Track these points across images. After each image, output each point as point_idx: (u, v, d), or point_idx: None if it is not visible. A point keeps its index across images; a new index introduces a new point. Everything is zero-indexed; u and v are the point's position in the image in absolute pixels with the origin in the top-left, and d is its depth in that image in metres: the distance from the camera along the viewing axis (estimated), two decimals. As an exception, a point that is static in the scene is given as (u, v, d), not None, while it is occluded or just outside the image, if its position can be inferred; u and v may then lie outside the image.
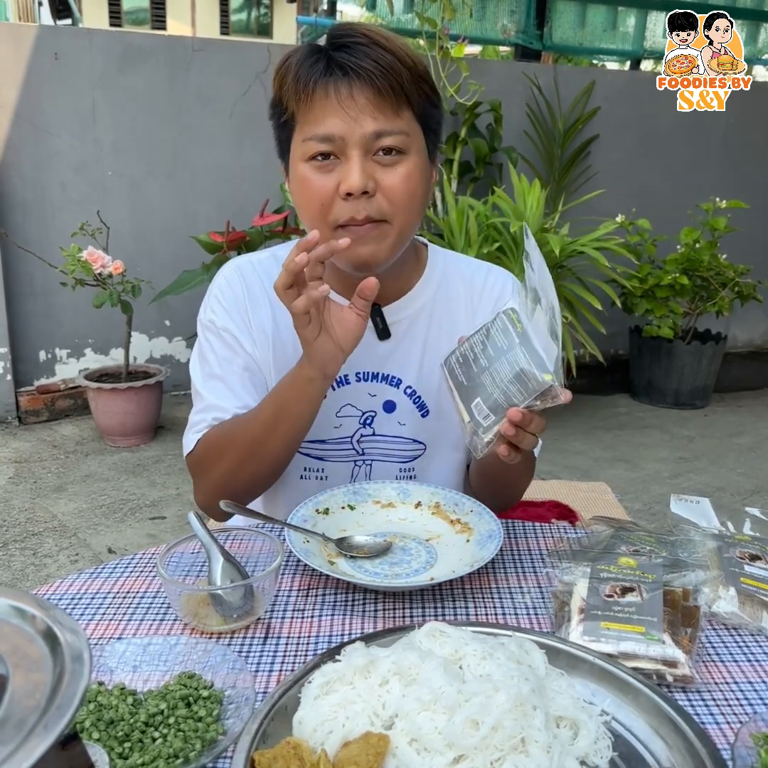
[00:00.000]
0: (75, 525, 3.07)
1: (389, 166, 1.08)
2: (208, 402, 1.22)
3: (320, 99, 1.06)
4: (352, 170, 1.05)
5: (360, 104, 1.05)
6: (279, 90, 1.12)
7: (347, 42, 1.06)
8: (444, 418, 1.29)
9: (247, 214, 4.04)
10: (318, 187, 1.08)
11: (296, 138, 1.11)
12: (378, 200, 1.08)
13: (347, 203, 1.07)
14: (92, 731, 0.73)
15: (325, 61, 1.06)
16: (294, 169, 1.13)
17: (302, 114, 1.09)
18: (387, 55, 1.05)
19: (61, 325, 4.27)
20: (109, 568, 1.08)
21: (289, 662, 0.88)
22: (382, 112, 1.06)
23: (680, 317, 4.64)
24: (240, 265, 1.28)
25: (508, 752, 0.65)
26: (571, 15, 5.37)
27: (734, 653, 0.91)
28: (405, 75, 1.06)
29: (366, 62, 1.04)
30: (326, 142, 1.06)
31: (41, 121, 3.97)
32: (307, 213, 1.12)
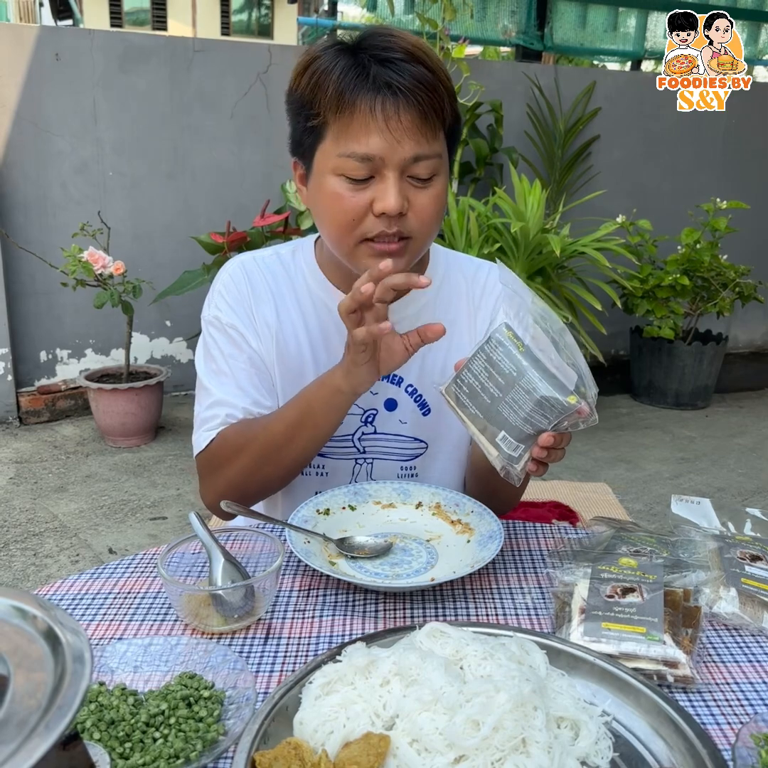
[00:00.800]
0: (76, 525, 3.08)
1: (422, 187, 1.08)
2: (217, 398, 1.22)
3: (364, 116, 1.02)
4: (390, 192, 1.04)
5: (405, 126, 1.03)
6: (311, 93, 1.06)
7: (391, 57, 1.03)
8: (445, 416, 1.29)
9: (248, 214, 4.05)
10: (351, 204, 1.07)
11: (328, 148, 1.07)
12: (409, 219, 1.08)
13: (379, 219, 1.07)
14: (93, 731, 0.73)
15: (371, 76, 1.02)
16: (321, 179, 1.09)
17: (340, 127, 1.04)
18: (430, 75, 1.04)
19: (62, 325, 4.27)
20: (109, 569, 1.08)
21: (290, 663, 0.88)
22: (424, 135, 1.05)
23: (681, 318, 4.64)
24: (244, 261, 1.28)
25: (509, 753, 0.65)
26: (572, 15, 5.37)
27: (735, 654, 0.91)
28: (445, 96, 1.06)
29: (412, 82, 1.02)
30: (365, 161, 1.04)
31: (42, 121, 3.98)
32: (333, 225, 1.10)
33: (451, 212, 3.95)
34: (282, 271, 1.27)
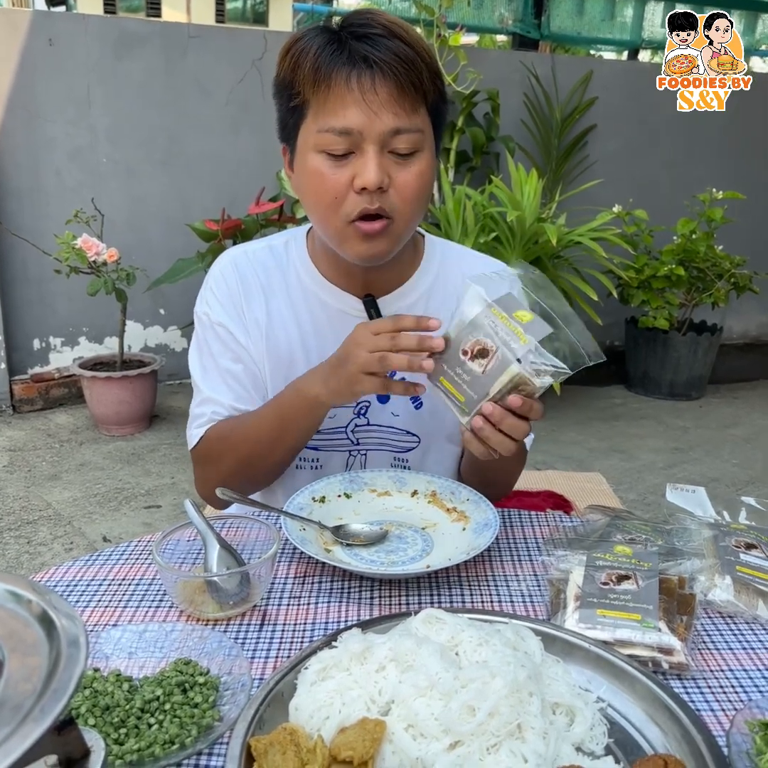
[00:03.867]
0: (70, 513, 3.07)
1: (404, 162, 1.07)
2: (206, 395, 1.25)
3: (340, 89, 1.02)
4: (369, 166, 1.04)
5: (382, 98, 1.02)
6: (291, 73, 1.06)
7: (368, 33, 1.03)
8: (438, 410, 1.29)
9: (243, 202, 4.02)
10: (332, 180, 1.06)
11: (308, 126, 1.07)
12: (390, 195, 1.07)
13: (360, 196, 1.06)
14: (88, 717, 0.73)
15: (347, 51, 1.02)
16: (303, 158, 1.09)
17: (318, 102, 1.04)
18: (408, 49, 1.03)
19: (56, 313, 4.25)
20: (104, 555, 1.08)
21: (286, 649, 0.88)
22: (402, 108, 1.04)
23: (676, 308, 4.64)
24: (235, 256, 1.27)
25: (505, 738, 0.65)
26: (569, 4, 5.35)
27: (729, 641, 0.91)
28: (424, 71, 1.05)
29: (388, 56, 1.02)
30: (344, 135, 1.03)
31: (35, 107, 3.94)
32: (318, 205, 1.10)
33: (447, 201, 3.94)
34: (274, 264, 1.27)
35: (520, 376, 0.94)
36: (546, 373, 0.95)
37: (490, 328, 0.96)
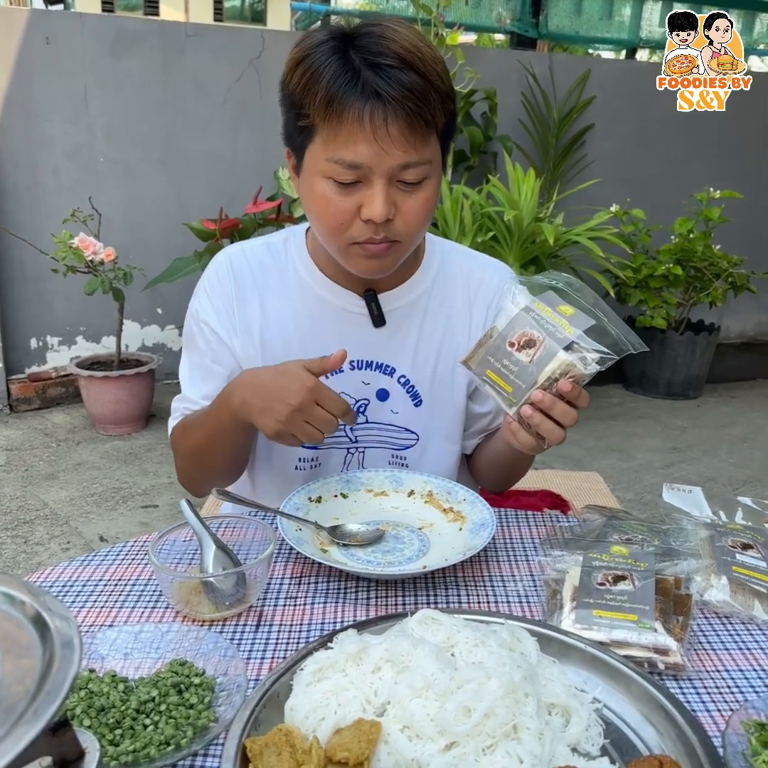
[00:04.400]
0: (66, 513, 3.07)
1: (409, 192, 1.07)
2: (183, 391, 1.30)
3: (351, 123, 1.01)
4: (376, 199, 1.04)
5: (392, 135, 1.01)
6: (301, 93, 1.04)
7: (382, 63, 1.01)
8: (437, 408, 1.29)
9: (241, 201, 4.02)
10: (338, 208, 1.06)
11: (317, 150, 1.06)
12: (395, 223, 1.08)
13: (366, 225, 1.07)
14: (83, 718, 0.73)
15: (360, 83, 1.00)
16: (310, 180, 1.09)
17: (329, 132, 1.03)
18: (421, 81, 1.02)
19: (53, 312, 4.24)
20: (100, 556, 1.08)
21: (281, 649, 0.88)
22: (412, 145, 1.03)
23: (673, 308, 4.64)
24: (231, 255, 1.27)
25: (500, 739, 0.65)
26: (567, 3, 5.35)
27: (725, 641, 0.91)
28: (437, 104, 1.04)
29: (401, 92, 1.00)
30: (353, 168, 1.03)
31: (33, 106, 3.94)
32: (323, 227, 1.11)
33: (445, 200, 3.94)
34: (271, 262, 1.27)
35: (568, 364, 0.96)
36: (593, 360, 0.97)
37: (535, 321, 0.99)
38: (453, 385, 1.30)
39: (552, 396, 0.98)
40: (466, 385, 1.30)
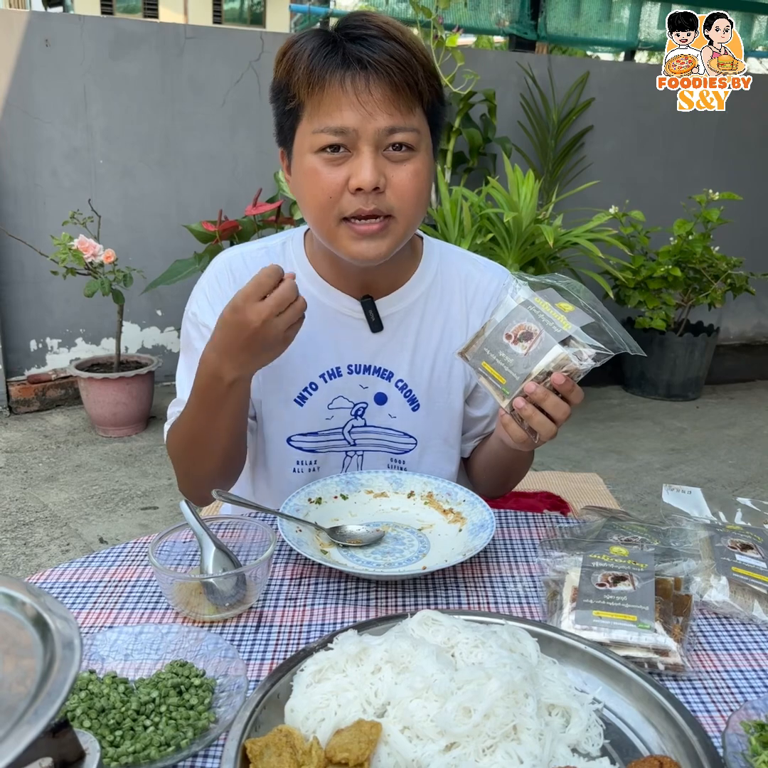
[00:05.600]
0: (66, 515, 3.07)
1: (399, 162, 1.07)
2: (179, 396, 1.28)
3: (335, 91, 1.03)
4: (364, 166, 1.04)
5: (376, 99, 1.03)
6: (286, 76, 1.07)
7: (363, 34, 1.04)
8: (434, 412, 1.29)
9: (240, 203, 4.02)
10: (327, 180, 1.06)
11: (304, 128, 1.07)
12: (386, 196, 1.07)
13: (355, 197, 1.06)
14: (83, 719, 0.73)
15: (341, 52, 1.03)
16: (300, 159, 1.09)
17: (313, 104, 1.05)
18: (403, 50, 1.04)
19: (52, 314, 4.24)
20: (100, 557, 1.08)
21: (281, 650, 0.88)
22: (397, 108, 1.04)
23: (673, 309, 4.64)
24: (231, 259, 1.27)
25: (500, 739, 0.65)
26: (566, 5, 5.35)
27: (725, 642, 0.91)
28: (420, 72, 1.05)
29: (383, 57, 1.02)
30: (339, 134, 1.04)
31: (32, 107, 3.94)
32: (312, 205, 1.10)
33: (444, 202, 3.94)
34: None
35: (563, 357, 0.96)
36: (588, 355, 0.97)
37: (533, 315, 0.99)
38: (450, 389, 1.29)
39: (544, 388, 0.98)
40: (463, 389, 1.30)
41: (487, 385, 1.03)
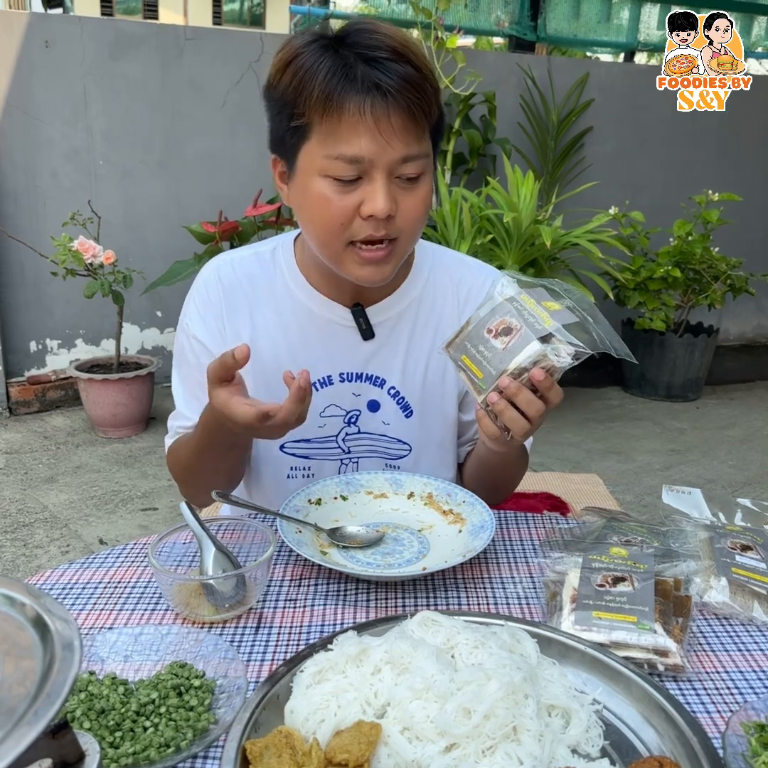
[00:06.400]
0: (66, 516, 3.06)
1: (409, 188, 1.07)
2: (177, 408, 1.30)
3: (352, 116, 1.00)
4: (379, 194, 1.03)
5: (395, 127, 1.01)
6: (294, 92, 1.03)
7: (378, 57, 1.00)
8: (428, 418, 1.28)
9: (240, 204, 4.02)
10: (339, 206, 1.04)
11: (313, 149, 1.04)
12: (395, 221, 1.07)
13: (367, 222, 1.05)
14: (83, 720, 0.73)
15: (359, 77, 0.99)
16: (306, 179, 1.07)
17: (328, 129, 1.02)
18: (417, 74, 1.02)
19: (52, 315, 4.24)
20: (100, 558, 1.08)
21: (281, 651, 0.88)
22: (413, 137, 1.03)
23: (672, 310, 4.64)
24: (219, 266, 1.25)
25: (500, 740, 0.65)
26: (566, 6, 5.36)
27: (725, 643, 0.91)
28: (432, 96, 1.04)
29: (400, 83, 1.00)
30: (354, 163, 1.02)
31: (32, 108, 3.94)
32: (320, 227, 1.08)
33: (444, 203, 3.94)
34: (260, 273, 1.25)
35: (540, 353, 0.95)
36: (567, 353, 0.95)
37: (517, 310, 0.98)
38: (443, 394, 1.28)
39: (518, 383, 0.96)
40: (456, 394, 1.29)
41: (466, 380, 1.01)
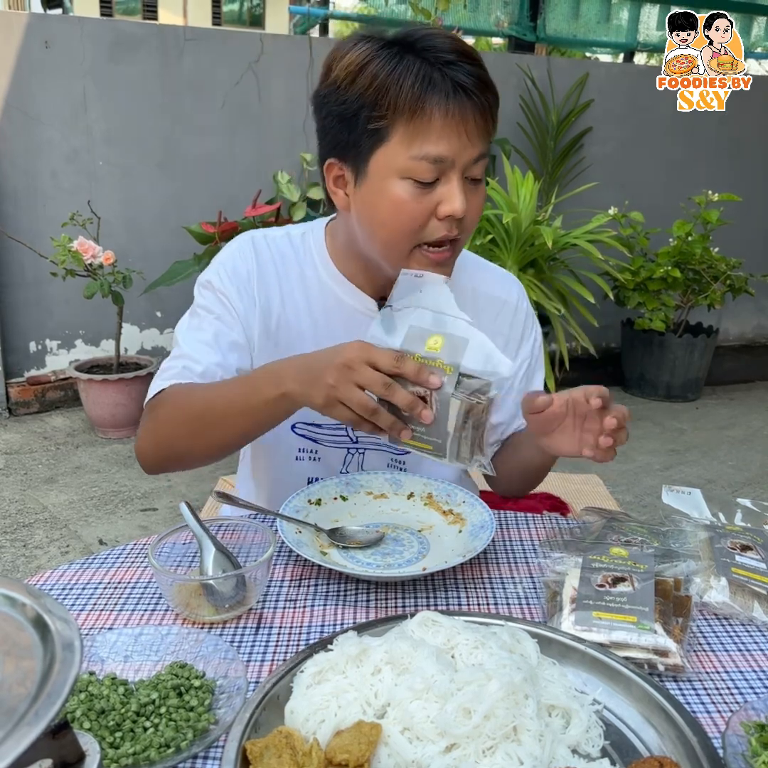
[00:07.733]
0: (66, 517, 3.06)
1: (473, 189, 1.09)
2: (183, 351, 1.19)
3: (441, 118, 1.02)
4: (456, 194, 1.05)
5: (479, 126, 1.05)
6: (375, 94, 1.02)
7: (455, 60, 1.03)
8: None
9: (239, 204, 4.02)
10: (417, 208, 1.06)
11: (394, 150, 1.04)
12: (464, 220, 1.09)
13: (442, 222, 1.07)
14: (83, 721, 0.73)
15: (443, 79, 1.02)
16: (381, 183, 1.06)
17: (414, 130, 1.03)
18: (485, 74, 1.06)
19: (52, 315, 4.24)
20: (100, 559, 1.08)
21: (281, 652, 0.88)
22: (487, 137, 1.07)
23: (672, 310, 4.64)
24: (254, 237, 1.26)
25: (500, 741, 0.65)
26: (565, 7, 5.36)
27: (725, 642, 0.91)
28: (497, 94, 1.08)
29: (478, 84, 1.04)
30: (437, 163, 1.03)
31: (32, 109, 3.94)
32: (392, 229, 1.08)
33: (444, 203, 3.93)
34: (292, 254, 1.25)
35: (464, 404, 0.94)
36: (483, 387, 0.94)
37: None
38: None
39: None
40: None
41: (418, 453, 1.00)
